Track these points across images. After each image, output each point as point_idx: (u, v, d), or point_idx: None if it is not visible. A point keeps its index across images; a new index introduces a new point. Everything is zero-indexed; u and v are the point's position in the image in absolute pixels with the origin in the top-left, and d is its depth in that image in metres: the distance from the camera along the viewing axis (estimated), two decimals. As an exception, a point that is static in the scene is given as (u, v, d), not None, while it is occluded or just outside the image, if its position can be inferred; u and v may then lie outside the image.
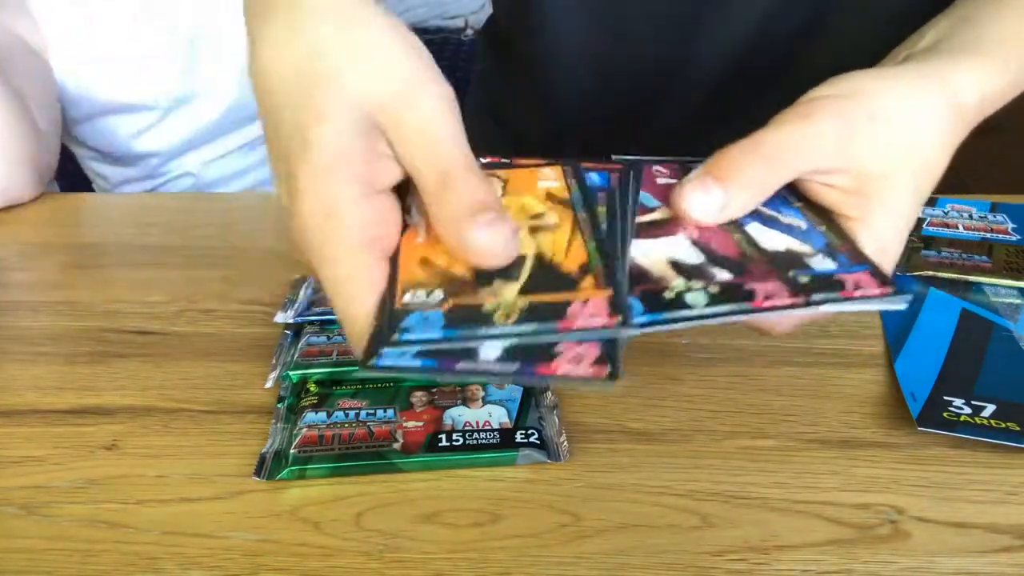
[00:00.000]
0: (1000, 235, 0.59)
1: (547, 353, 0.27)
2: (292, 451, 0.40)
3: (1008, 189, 0.65)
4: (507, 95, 0.76)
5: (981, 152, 0.44)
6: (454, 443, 0.40)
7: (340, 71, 0.29)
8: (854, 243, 0.34)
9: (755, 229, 0.34)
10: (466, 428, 0.41)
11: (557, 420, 0.42)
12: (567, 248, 0.30)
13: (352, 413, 0.42)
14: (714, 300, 0.30)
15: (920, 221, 0.61)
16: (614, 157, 0.40)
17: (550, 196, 0.34)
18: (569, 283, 0.29)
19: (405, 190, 0.32)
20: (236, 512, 0.37)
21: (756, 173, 0.34)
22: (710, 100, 0.63)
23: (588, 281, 0.29)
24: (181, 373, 0.47)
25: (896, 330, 0.50)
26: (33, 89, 0.80)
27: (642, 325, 0.29)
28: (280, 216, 0.31)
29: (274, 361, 0.47)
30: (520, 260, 0.30)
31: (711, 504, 0.38)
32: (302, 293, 0.52)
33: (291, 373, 0.45)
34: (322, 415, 0.42)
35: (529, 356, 0.27)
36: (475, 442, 0.40)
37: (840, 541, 0.36)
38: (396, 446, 0.40)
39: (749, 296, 0.30)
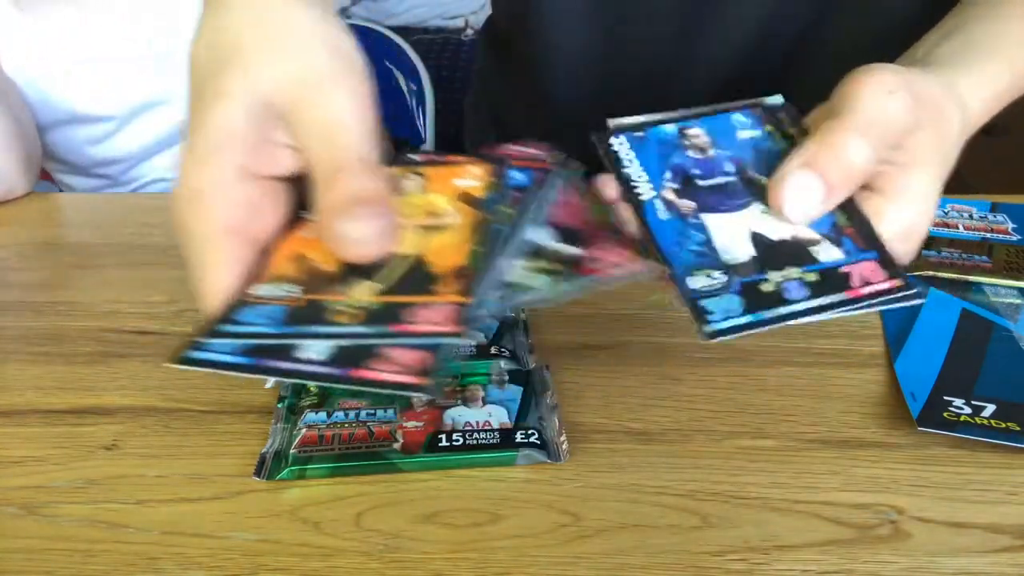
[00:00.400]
0: (1000, 235, 0.59)
1: (372, 357, 0.26)
2: (292, 451, 0.40)
3: (1008, 189, 0.65)
4: (507, 95, 0.76)
5: (981, 152, 0.44)
6: (454, 443, 0.40)
7: (249, 56, 0.29)
8: (864, 222, 0.32)
9: (758, 218, 0.33)
10: (466, 428, 0.41)
11: (557, 420, 0.42)
12: (452, 251, 0.30)
13: (352, 413, 0.42)
14: (814, 294, 0.29)
15: (920, 221, 0.61)
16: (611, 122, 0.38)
17: (464, 196, 0.33)
18: (433, 287, 0.28)
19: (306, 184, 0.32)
20: (236, 512, 0.37)
21: (859, 155, 0.32)
22: (710, 102, 0.63)
23: (453, 286, 0.28)
24: (181, 373, 0.46)
25: (896, 330, 0.50)
26: (4, 85, 0.79)
27: (744, 327, 0.29)
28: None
29: (274, 361, 0.47)
30: (396, 261, 0.29)
31: (711, 504, 0.38)
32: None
33: (291, 373, 0.44)
34: (322, 415, 0.42)
35: (352, 359, 0.27)
36: (475, 442, 0.40)
37: (840, 541, 0.36)
38: (396, 446, 0.40)
39: (845, 284, 0.29)
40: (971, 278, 0.54)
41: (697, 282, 0.31)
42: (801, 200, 0.32)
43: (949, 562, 0.35)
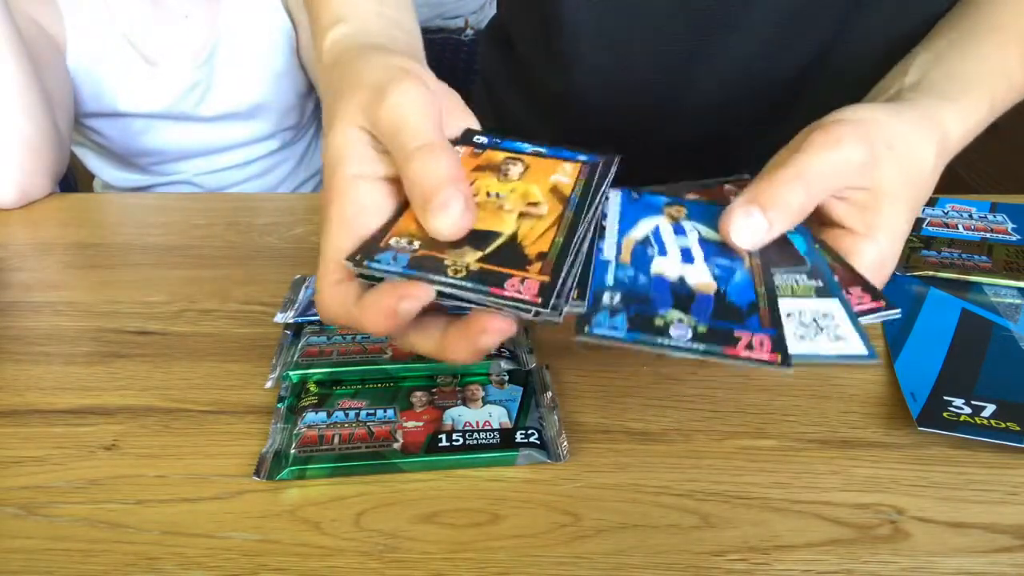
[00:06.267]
0: (1000, 235, 0.59)
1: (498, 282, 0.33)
2: (292, 451, 0.40)
3: (1008, 189, 0.65)
4: (511, 96, 0.76)
5: (981, 152, 0.45)
6: (454, 443, 0.40)
7: (344, 96, 0.37)
8: (775, 305, 0.36)
9: (690, 271, 0.37)
10: (466, 428, 0.41)
11: (557, 420, 0.42)
12: (539, 237, 0.35)
13: (352, 413, 0.42)
14: (696, 339, 0.33)
15: (920, 221, 0.61)
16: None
17: (554, 189, 0.38)
18: (522, 264, 0.34)
19: None
20: (236, 512, 0.38)
21: (796, 197, 0.37)
22: (718, 117, 0.63)
23: (536, 267, 0.33)
24: (181, 373, 0.47)
25: (896, 330, 0.50)
26: (56, 87, 0.80)
27: (621, 340, 0.33)
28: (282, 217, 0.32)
29: (274, 361, 0.47)
30: (495, 236, 0.35)
31: (711, 504, 0.38)
32: (302, 293, 0.52)
33: (291, 373, 0.45)
34: (322, 415, 0.42)
35: (489, 279, 0.33)
36: (475, 442, 0.40)
37: (840, 541, 0.36)
38: (396, 446, 0.40)
39: (730, 342, 0.33)
40: (971, 278, 0.54)
41: (601, 300, 0.35)
42: (746, 228, 0.36)
43: (949, 562, 0.35)
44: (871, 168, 0.38)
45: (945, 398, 0.43)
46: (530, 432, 0.41)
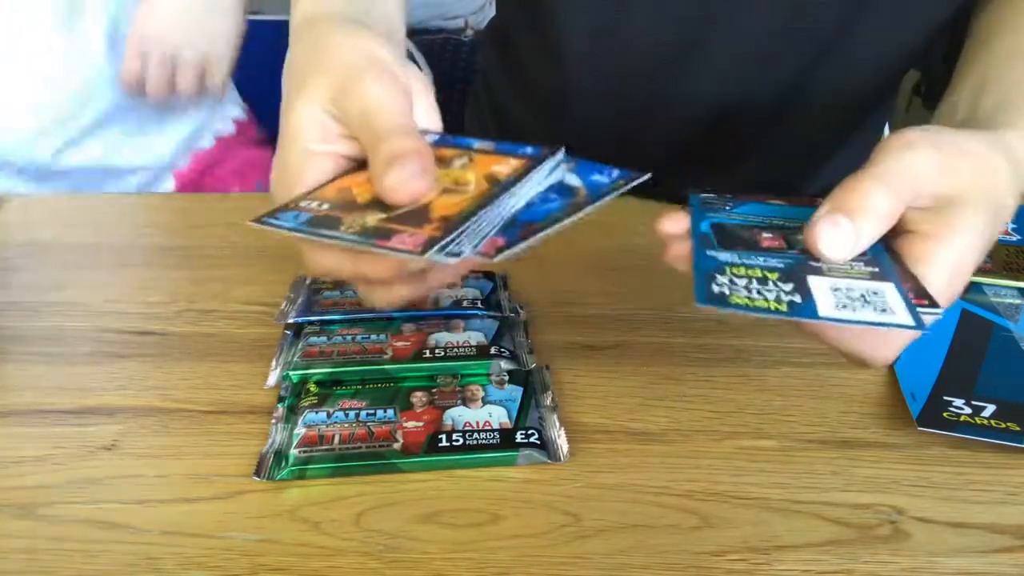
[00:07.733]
0: (1000, 235, 0.59)
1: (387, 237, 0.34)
2: (292, 451, 0.40)
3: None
4: (510, 95, 0.76)
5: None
6: (454, 443, 0.40)
7: (307, 78, 0.39)
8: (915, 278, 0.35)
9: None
10: (466, 428, 0.41)
11: (557, 420, 0.42)
12: (450, 205, 0.36)
13: (352, 413, 0.42)
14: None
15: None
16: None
17: (490, 176, 0.38)
18: (420, 223, 0.34)
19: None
20: (236, 512, 0.38)
21: (882, 201, 0.35)
22: (716, 112, 0.63)
23: (434, 226, 0.34)
24: (181, 373, 0.47)
25: (896, 330, 0.50)
26: None
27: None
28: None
29: (274, 361, 0.47)
30: (409, 205, 0.36)
31: (711, 504, 0.38)
32: (302, 293, 0.52)
33: (291, 373, 0.45)
34: (322, 415, 0.42)
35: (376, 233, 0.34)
36: (475, 442, 0.40)
37: (840, 541, 0.36)
38: (396, 446, 0.40)
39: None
40: (971, 278, 0.54)
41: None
42: (835, 239, 0.35)
43: (949, 562, 0.35)
44: (945, 172, 0.36)
45: (945, 398, 0.43)
46: (530, 432, 0.41)
